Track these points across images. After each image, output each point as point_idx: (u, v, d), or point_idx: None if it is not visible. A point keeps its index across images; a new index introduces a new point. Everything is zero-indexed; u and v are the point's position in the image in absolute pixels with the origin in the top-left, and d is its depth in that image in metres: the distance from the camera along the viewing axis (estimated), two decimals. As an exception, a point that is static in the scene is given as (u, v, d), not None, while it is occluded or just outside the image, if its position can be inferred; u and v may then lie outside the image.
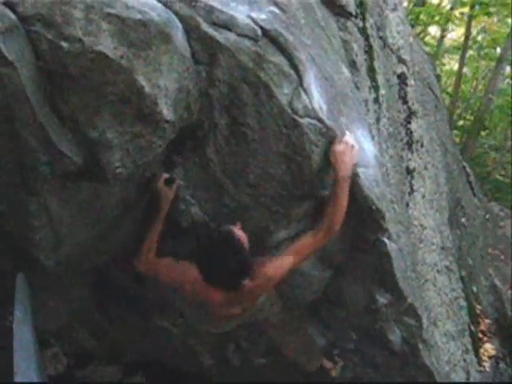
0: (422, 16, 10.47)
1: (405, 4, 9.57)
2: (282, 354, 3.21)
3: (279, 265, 2.48)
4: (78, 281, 2.96)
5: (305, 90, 2.28)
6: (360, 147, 2.59)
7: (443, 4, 11.97)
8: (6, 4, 1.81)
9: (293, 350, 3.22)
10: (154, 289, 2.92)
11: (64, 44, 1.87)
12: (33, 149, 2.03)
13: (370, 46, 3.23)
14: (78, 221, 2.38)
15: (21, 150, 2.04)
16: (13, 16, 1.81)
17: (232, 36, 2.17)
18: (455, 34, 13.90)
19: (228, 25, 2.16)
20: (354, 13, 3.13)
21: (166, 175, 2.49)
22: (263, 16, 2.25)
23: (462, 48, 11.89)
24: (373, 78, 3.20)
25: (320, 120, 2.36)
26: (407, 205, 3.48)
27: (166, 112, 2.10)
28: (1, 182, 2.16)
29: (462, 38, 12.27)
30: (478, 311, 4.82)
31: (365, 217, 2.65)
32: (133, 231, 2.65)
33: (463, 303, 4.36)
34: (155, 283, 2.73)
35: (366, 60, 3.15)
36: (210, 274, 2.38)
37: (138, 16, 1.92)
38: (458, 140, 10.41)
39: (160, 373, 3.80)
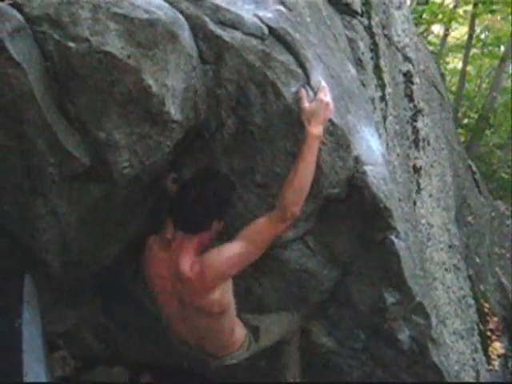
0: (425, 15, 10.47)
1: (408, 2, 9.55)
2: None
3: (226, 252, 2.25)
4: (84, 283, 2.95)
5: (312, 89, 2.27)
6: (367, 145, 2.58)
7: (446, 2, 11.96)
8: (13, 5, 1.81)
9: None
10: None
11: (71, 44, 1.87)
12: (40, 150, 2.03)
13: (376, 44, 3.22)
14: (85, 222, 2.38)
15: (28, 151, 2.04)
16: (20, 17, 1.81)
17: (239, 35, 2.16)
18: (458, 32, 13.89)
19: (235, 24, 2.16)
20: (359, 11, 3.12)
21: (173, 175, 2.48)
22: (270, 15, 2.24)
23: (466, 46, 11.90)
24: (379, 76, 3.19)
25: (327, 118, 2.33)
26: (414, 203, 3.47)
27: (174, 112, 2.10)
28: (8, 183, 2.16)
29: (466, 37, 12.28)
30: (486, 310, 4.80)
31: (373, 215, 2.63)
32: (140, 232, 2.65)
33: (471, 302, 4.35)
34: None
35: (372, 58, 3.14)
36: (180, 208, 2.23)
37: (145, 15, 1.92)
38: (462, 138, 10.39)
39: (167, 374, 3.79)
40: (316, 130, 2.19)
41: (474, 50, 12.67)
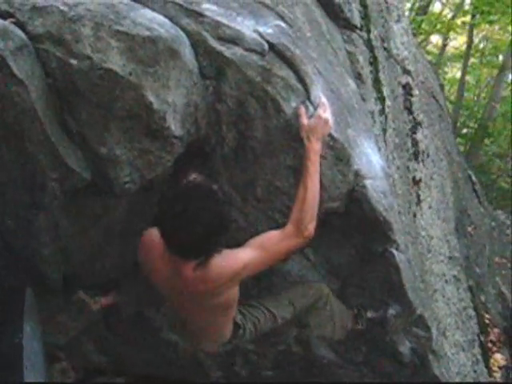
0: (423, 25, 10.53)
1: (406, 13, 9.61)
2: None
3: (235, 256, 2.16)
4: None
5: (312, 103, 2.28)
6: (367, 159, 2.60)
7: (445, 13, 12.04)
8: (16, 23, 1.83)
9: None
10: (163, 302, 2.91)
11: (73, 61, 1.88)
12: (42, 165, 2.05)
13: (375, 58, 3.24)
14: (86, 235, 2.39)
15: (30, 166, 2.05)
16: (23, 35, 1.84)
17: (239, 51, 2.16)
18: (457, 42, 13.97)
19: (235, 39, 2.17)
20: (358, 25, 3.14)
21: (173, 189, 2.48)
22: (270, 30, 2.25)
23: (464, 56, 11.96)
24: (378, 90, 3.20)
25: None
26: (414, 215, 3.48)
27: (175, 127, 2.11)
28: (9, 198, 2.17)
29: (464, 47, 12.35)
30: (486, 321, 4.79)
31: (373, 228, 2.64)
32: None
33: (472, 313, 4.35)
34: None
35: (371, 72, 3.16)
36: (176, 237, 2.00)
37: (147, 33, 1.93)
38: (461, 148, 10.42)
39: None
40: (315, 146, 2.22)
41: (472, 60, 12.74)
